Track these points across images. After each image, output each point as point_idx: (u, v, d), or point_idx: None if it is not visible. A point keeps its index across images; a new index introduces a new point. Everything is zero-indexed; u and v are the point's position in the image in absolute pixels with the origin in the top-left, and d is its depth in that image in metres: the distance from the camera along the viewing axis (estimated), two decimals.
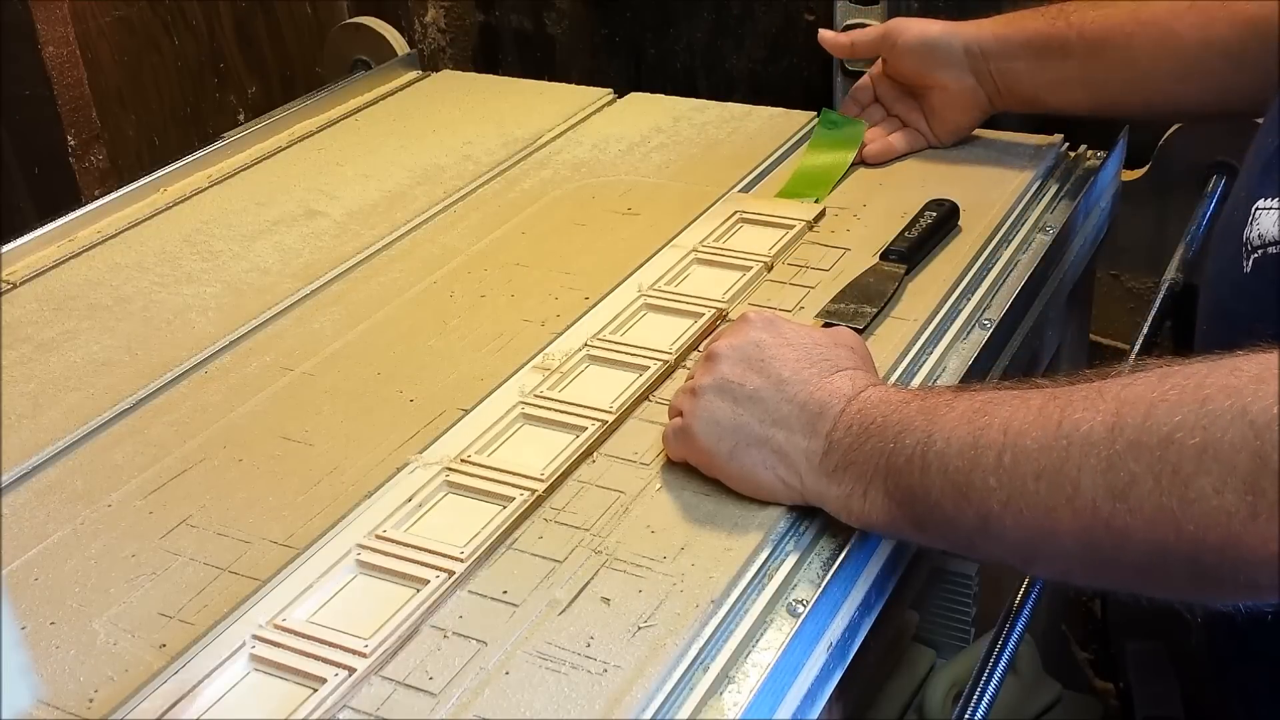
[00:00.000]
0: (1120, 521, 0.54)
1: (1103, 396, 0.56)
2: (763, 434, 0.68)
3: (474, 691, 0.61)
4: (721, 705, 0.61)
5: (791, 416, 0.68)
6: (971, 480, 0.60)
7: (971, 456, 0.60)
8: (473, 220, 1.06)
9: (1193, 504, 0.52)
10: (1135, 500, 0.54)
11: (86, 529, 0.75)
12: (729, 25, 1.50)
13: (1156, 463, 0.53)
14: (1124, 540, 0.55)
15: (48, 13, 1.22)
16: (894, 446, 0.63)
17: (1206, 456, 0.52)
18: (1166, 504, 0.53)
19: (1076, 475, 0.56)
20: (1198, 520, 0.52)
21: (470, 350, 0.88)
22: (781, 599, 0.67)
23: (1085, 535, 0.56)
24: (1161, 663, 1.47)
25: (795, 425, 0.68)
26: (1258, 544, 0.51)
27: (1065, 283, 1.03)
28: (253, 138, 1.22)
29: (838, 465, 0.66)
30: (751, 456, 0.69)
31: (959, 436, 0.61)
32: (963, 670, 1.19)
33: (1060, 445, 0.57)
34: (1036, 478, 0.57)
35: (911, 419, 0.63)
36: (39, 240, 1.06)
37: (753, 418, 0.69)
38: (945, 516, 0.61)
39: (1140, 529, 0.54)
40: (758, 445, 0.69)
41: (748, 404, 0.69)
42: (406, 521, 0.73)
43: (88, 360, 0.91)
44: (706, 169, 1.10)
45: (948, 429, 0.61)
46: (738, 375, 0.70)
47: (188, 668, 0.64)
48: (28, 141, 1.27)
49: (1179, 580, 0.56)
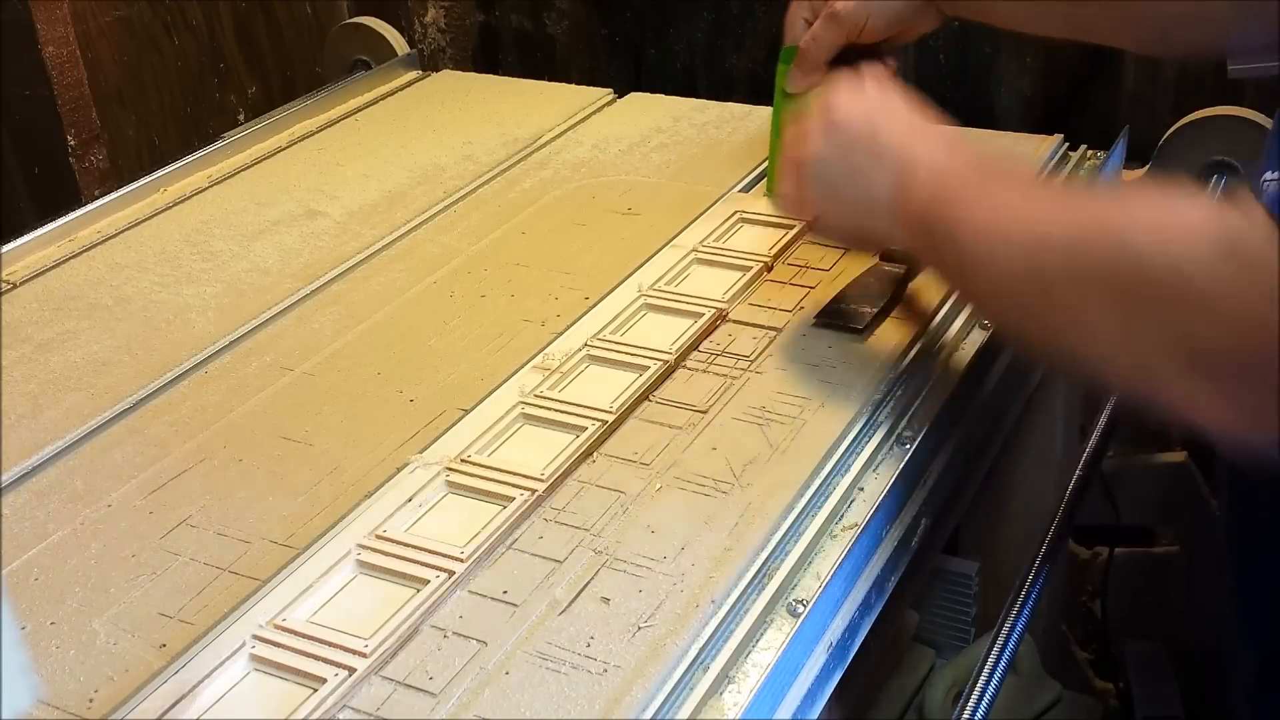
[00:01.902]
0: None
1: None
2: (863, 189, 0.78)
3: (474, 692, 0.61)
4: (721, 705, 0.61)
5: (883, 172, 0.77)
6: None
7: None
8: (473, 220, 1.06)
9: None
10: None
11: (86, 529, 0.75)
12: (729, 25, 1.50)
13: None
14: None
15: (48, 13, 1.22)
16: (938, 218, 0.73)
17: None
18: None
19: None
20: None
21: (470, 350, 0.88)
22: (781, 599, 0.67)
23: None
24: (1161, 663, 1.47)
25: (886, 180, 0.76)
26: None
27: None
28: (253, 138, 1.22)
29: (907, 216, 0.75)
30: (856, 205, 0.79)
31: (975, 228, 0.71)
32: (963, 670, 1.19)
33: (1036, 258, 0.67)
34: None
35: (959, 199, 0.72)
36: (39, 240, 1.06)
37: (858, 171, 0.78)
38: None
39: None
40: (859, 198, 0.78)
41: (853, 158, 0.78)
42: (406, 521, 0.73)
43: (88, 360, 0.91)
44: (706, 169, 1.11)
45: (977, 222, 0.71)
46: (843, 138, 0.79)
47: (188, 668, 0.64)
48: (28, 141, 1.27)
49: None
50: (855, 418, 0.77)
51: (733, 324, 0.88)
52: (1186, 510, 1.48)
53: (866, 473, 0.75)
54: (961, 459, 0.84)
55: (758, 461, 0.74)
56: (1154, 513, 1.52)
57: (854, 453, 0.76)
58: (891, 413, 0.79)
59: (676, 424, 0.78)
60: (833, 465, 0.74)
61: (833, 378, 0.81)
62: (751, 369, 0.83)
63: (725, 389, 0.81)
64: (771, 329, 0.87)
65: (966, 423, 0.85)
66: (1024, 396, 1.05)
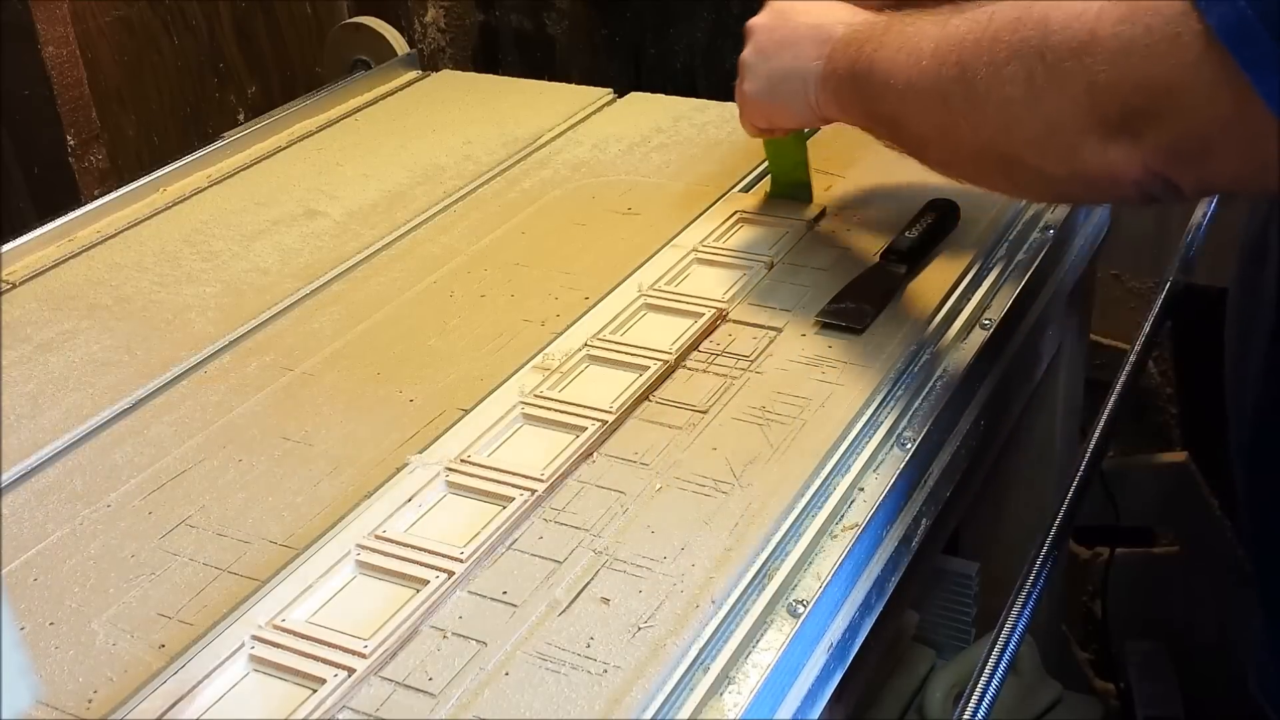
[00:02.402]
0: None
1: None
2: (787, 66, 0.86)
3: (474, 692, 0.61)
4: (721, 706, 0.61)
5: (804, 46, 0.85)
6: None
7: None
8: (473, 220, 1.06)
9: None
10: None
11: (86, 529, 0.75)
12: (729, 25, 1.50)
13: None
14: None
15: (48, 13, 1.22)
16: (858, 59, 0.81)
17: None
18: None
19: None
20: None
21: (470, 350, 0.88)
22: (781, 599, 0.67)
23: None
24: (1161, 663, 1.47)
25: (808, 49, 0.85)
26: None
27: (1065, 282, 1.03)
28: (253, 138, 1.22)
29: (827, 78, 0.84)
30: (787, 88, 0.87)
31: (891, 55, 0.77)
32: (963, 670, 1.19)
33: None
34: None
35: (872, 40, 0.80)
36: (39, 240, 1.06)
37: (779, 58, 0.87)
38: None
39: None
40: (786, 78, 0.87)
41: (775, 50, 0.87)
42: (406, 522, 0.72)
43: (88, 360, 0.91)
44: (706, 169, 1.10)
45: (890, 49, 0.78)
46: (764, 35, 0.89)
47: (187, 668, 0.64)
48: (28, 141, 1.27)
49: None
50: (855, 418, 0.77)
51: (733, 324, 0.88)
52: (1186, 510, 1.48)
53: (866, 473, 0.75)
54: (961, 459, 0.84)
55: (758, 461, 0.74)
56: (1154, 513, 1.52)
57: (854, 453, 0.76)
58: (891, 413, 0.79)
59: (676, 424, 0.78)
60: (833, 465, 0.74)
61: (833, 378, 0.81)
62: (751, 369, 0.83)
63: (725, 389, 0.81)
64: (771, 329, 0.87)
65: (966, 423, 0.85)
66: (1024, 396, 1.05)
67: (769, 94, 0.90)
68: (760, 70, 0.89)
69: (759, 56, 0.89)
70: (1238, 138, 0.60)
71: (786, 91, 0.88)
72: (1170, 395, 1.55)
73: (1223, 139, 0.61)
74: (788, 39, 0.87)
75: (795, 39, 0.86)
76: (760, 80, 0.90)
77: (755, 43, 0.90)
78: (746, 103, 0.93)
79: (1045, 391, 1.18)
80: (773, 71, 0.88)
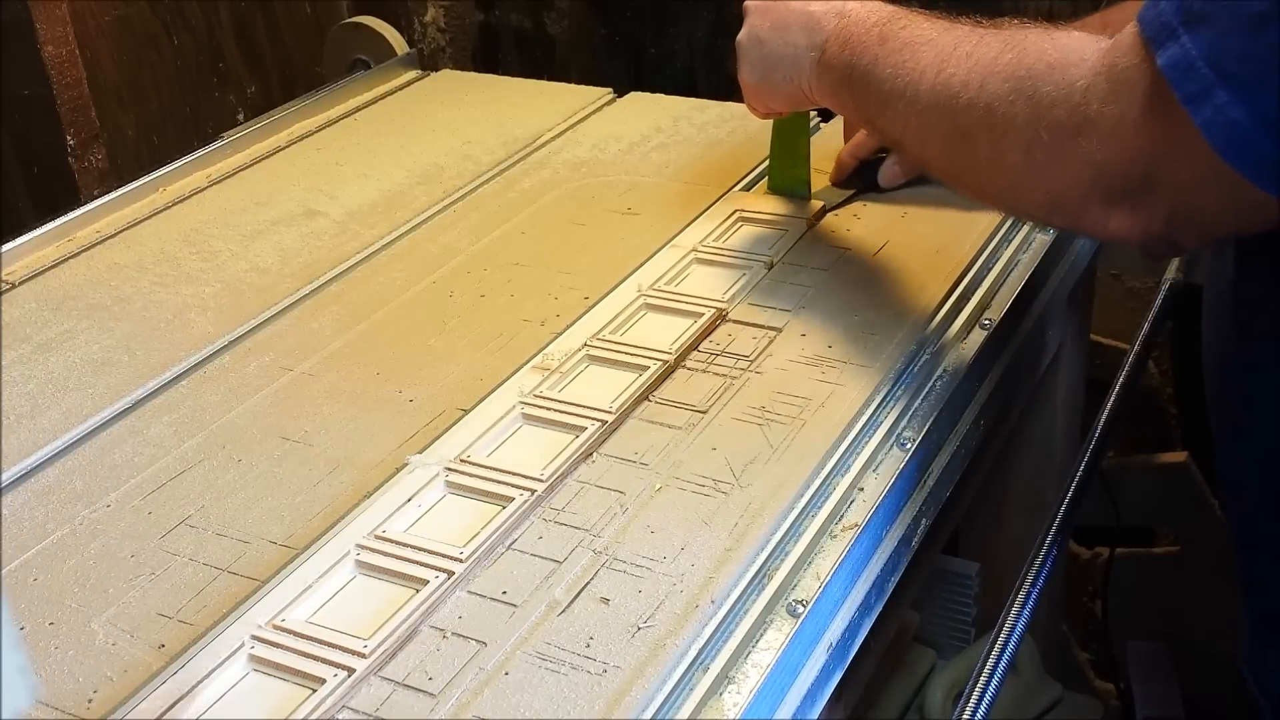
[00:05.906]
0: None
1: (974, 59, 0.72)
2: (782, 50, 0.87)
3: (473, 692, 0.61)
4: (721, 706, 0.61)
5: (798, 34, 0.86)
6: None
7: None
8: (472, 220, 1.06)
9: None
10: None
11: (85, 529, 0.75)
12: (729, 25, 1.49)
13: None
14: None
15: (48, 13, 1.22)
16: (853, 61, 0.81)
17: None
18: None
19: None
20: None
21: (470, 350, 0.88)
22: (781, 599, 0.67)
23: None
24: (1161, 663, 1.47)
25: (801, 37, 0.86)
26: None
27: (1065, 283, 1.03)
28: (252, 137, 1.22)
29: (823, 74, 0.84)
30: (780, 74, 0.87)
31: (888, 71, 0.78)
32: (963, 670, 1.19)
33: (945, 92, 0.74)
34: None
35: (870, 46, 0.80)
36: (38, 240, 1.06)
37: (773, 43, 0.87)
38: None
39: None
40: (779, 64, 0.87)
41: (767, 34, 0.88)
42: (406, 522, 0.72)
43: (87, 360, 0.90)
44: (706, 169, 1.10)
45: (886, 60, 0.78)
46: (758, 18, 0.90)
47: (187, 668, 0.64)
48: (27, 141, 1.27)
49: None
50: (855, 418, 0.77)
51: (733, 324, 0.88)
52: (1186, 510, 1.48)
53: (866, 473, 0.75)
54: (961, 459, 0.84)
55: (758, 461, 0.74)
56: (1154, 513, 1.52)
57: (854, 453, 0.76)
58: (891, 413, 0.79)
59: (676, 424, 0.78)
60: (833, 465, 0.74)
61: (832, 378, 0.81)
62: (751, 369, 0.83)
63: (725, 389, 0.81)
64: (771, 329, 0.87)
65: (966, 423, 0.85)
66: (1024, 396, 1.05)
67: (763, 78, 0.90)
68: (754, 54, 0.90)
69: (752, 40, 0.90)
70: (1222, 197, 0.62)
71: (780, 78, 0.88)
72: (1170, 395, 1.55)
73: (1214, 201, 0.63)
74: (779, 23, 0.87)
75: (787, 24, 0.86)
76: (754, 64, 0.90)
77: (749, 25, 0.90)
78: (744, 86, 0.93)
79: (1045, 391, 1.18)
80: (766, 56, 0.89)
